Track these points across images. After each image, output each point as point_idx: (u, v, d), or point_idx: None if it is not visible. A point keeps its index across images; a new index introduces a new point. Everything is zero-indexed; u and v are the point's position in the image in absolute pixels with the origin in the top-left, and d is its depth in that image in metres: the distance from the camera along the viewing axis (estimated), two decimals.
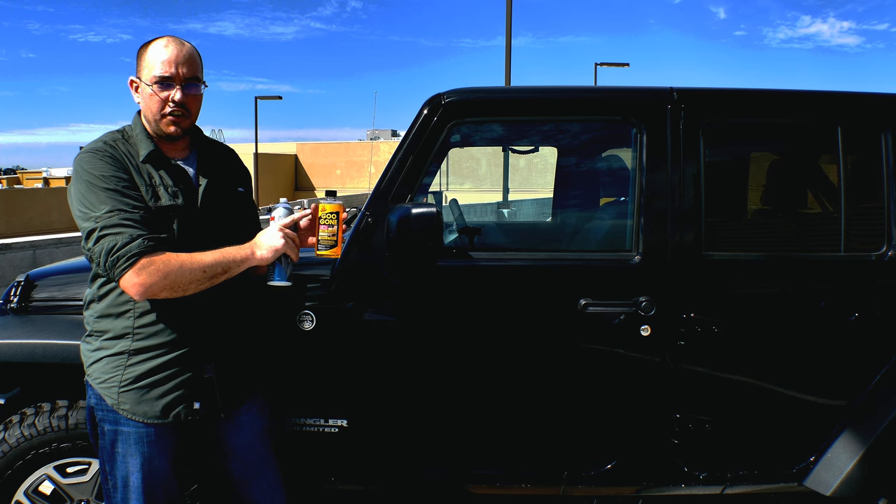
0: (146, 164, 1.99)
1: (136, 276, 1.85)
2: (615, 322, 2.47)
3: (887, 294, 2.50)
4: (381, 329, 2.47)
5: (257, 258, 2.01)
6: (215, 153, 2.17)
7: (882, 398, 2.51)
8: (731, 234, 2.65)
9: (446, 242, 2.84)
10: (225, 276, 1.97)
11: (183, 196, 2.00)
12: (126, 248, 1.84)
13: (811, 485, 2.56)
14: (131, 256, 1.84)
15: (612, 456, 2.55)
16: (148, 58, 1.99)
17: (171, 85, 1.98)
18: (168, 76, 1.97)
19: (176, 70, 1.98)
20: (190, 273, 1.89)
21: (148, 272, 1.85)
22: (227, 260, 1.96)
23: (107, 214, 1.86)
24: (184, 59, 1.99)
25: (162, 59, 1.97)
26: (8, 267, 8.38)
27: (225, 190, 2.13)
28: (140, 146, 2.00)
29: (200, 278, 1.92)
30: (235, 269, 1.98)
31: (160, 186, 1.98)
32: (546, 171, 4.17)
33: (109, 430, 2.00)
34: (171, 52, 1.99)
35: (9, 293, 2.64)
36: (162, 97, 1.98)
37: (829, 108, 2.63)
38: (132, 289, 1.87)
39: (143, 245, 1.85)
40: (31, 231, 20.32)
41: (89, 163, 1.93)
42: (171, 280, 1.87)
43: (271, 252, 2.02)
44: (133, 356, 1.97)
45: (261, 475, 2.18)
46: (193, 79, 2.01)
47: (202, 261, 1.92)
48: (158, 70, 1.97)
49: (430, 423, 2.55)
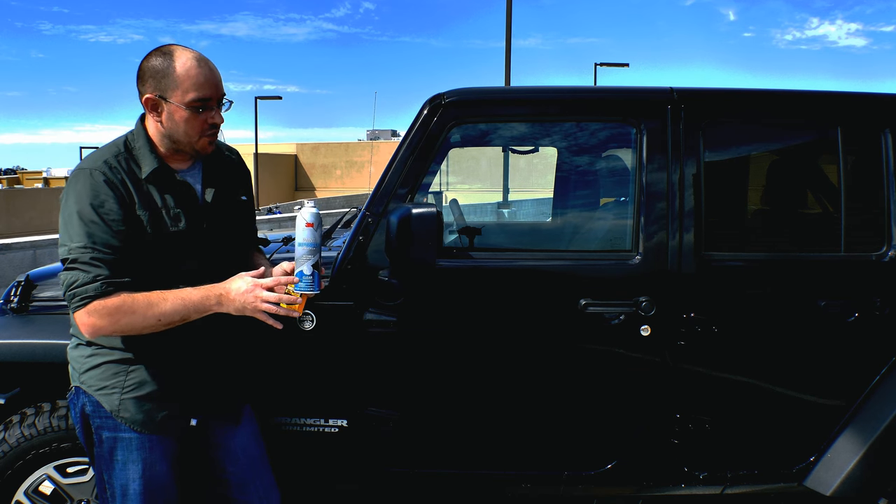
0: (148, 185, 1.94)
1: (87, 317, 1.84)
2: (615, 322, 2.47)
3: (887, 294, 2.50)
4: (382, 329, 2.47)
5: (222, 310, 1.92)
6: (219, 158, 2.13)
7: (882, 398, 2.51)
8: (731, 234, 2.65)
9: (446, 242, 2.84)
10: (182, 322, 1.90)
11: (186, 219, 1.96)
12: (83, 287, 1.82)
13: (811, 485, 2.56)
14: (85, 297, 1.82)
15: (612, 456, 2.56)
16: (179, 78, 1.90)
17: (211, 107, 1.94)
18: (209, 98, 1.93)
19: (214, 91, 1.94)
20: (143, 320, 1.85)
21: (98, 315, 1.83)
22: (188, 308, 1.88)
23: (80, 248, 1.83)
24: (217, 79, 1.96)
25: (199, 81, 1.90)
26: (8, 267, 8.38)
27: (228, 202, 2.10)
28: (143, 161, 1.94)
29: (154, 325, 1.87)
30: (195, 316, 1.91)
31: (162, 209, 1.93)
32: (546, 171, 4.20)
33: (108, 437, 1.98)
34: (207, 72, 1.93)
35: (9, 293, 2.64)
36: (202, 119, 1.93)
37: (830, 108, 2.63)
38: (82, 327, 1.87)
39: (99, 289, 1.82)
40: (31, 231, 20.31)
41: (83, 185, 1.87)
42: (122, 325, 1.85)
43: (238, 313, 1.93)
44: (135, 363, 1.96)
45: (257, 479, 2.16)
46: (224, 96, 1.99)
47: (160, 309, 1.86)
48: (198, 92, 1.91)
49: (431, 423, 2.55)
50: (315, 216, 2.00)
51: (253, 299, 1.90)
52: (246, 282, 1.92)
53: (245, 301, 1.90)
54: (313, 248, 1.99)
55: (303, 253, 1.98)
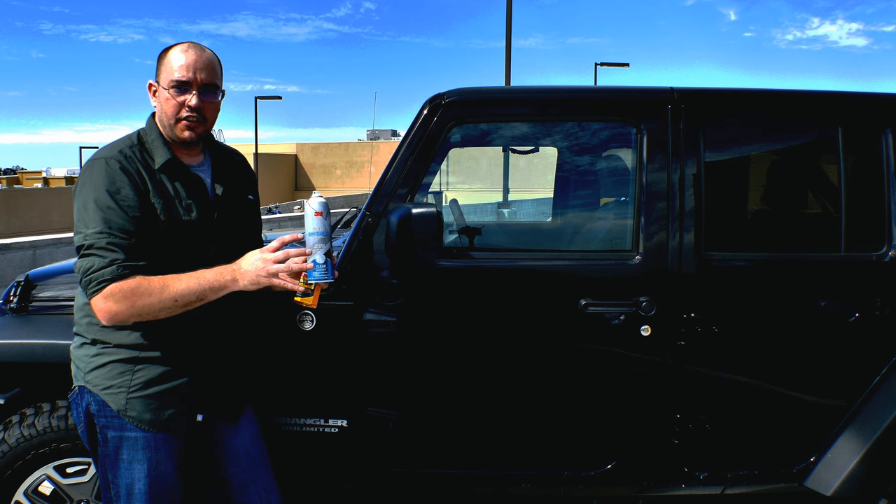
0: (161, 174, 1.96)
1: (104, 302, 1.84)
2: (615, 322, 2.46)
3: (887, 294, 2.50)
4: (382, 329, 2.47)
5: (238, 287, 1.93)
6: (227, 159, 2.16)
7: (882, 398, 2.51)
8: (731, 234, 2.65)
9: (446, 242, 2.84)
10: (199, 303, 1.91)
11: (197, 209, 1.99)
12: (99, 272, 1.83)
13: (811, 485, 2.56)
14: (102, 281, 1.83)
15: (612, 456, 2.55)
16: (167, 62, 1.98)
17: (187, 90, 1.96)
18: (185, 80, 1.95)
19: (194, 75, 1.96)
20: (159, 302, 1.86)
21: (115, 299, 1.83)
22: (203, 288, 1.89)
23: (95, 234, 1.84)
24: (203, 65, 1.97)
25: (180, 63, 1.96)
26: (8, 267, 8.38)
27: (237, 199, 2.13)
28: (156, 153, 1.98)
29: (171, 307, 1.88)
30: (212, 296, 1.91)
31: (175, 199, 1.95)
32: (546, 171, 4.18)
33: (114, 436, 1.98)
34: (191, 56, 1.97)
35: (9, 293, 2.64)
36: (178, 101, 1.96)
37: (830, 108, 2.63)
38: (99, 313, 1.87)
39: (116, 272, 1.83)
40: (31, 231, 20.33)
41: (98, 173, 1.90)
42: (139, 308, 1.85)
43: (253, 287, 1.93)
44: (141, 362, 1.96)
45: (258, 480, 2.16)
46: (212, 85, 1.99)
47: (175, 289, 1.87)
48: (176, 74, 1.95)
49: (431, 424, 2.55)
50: (324, 205, 2.02)
51: (264, 267, 1.90)
52: (255, 255, 1.93)
53: (258, 271, 1.90)
54: (324, 237, 1.99)
55: (314, 242, 1.98)
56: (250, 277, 1.91)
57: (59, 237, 9.36)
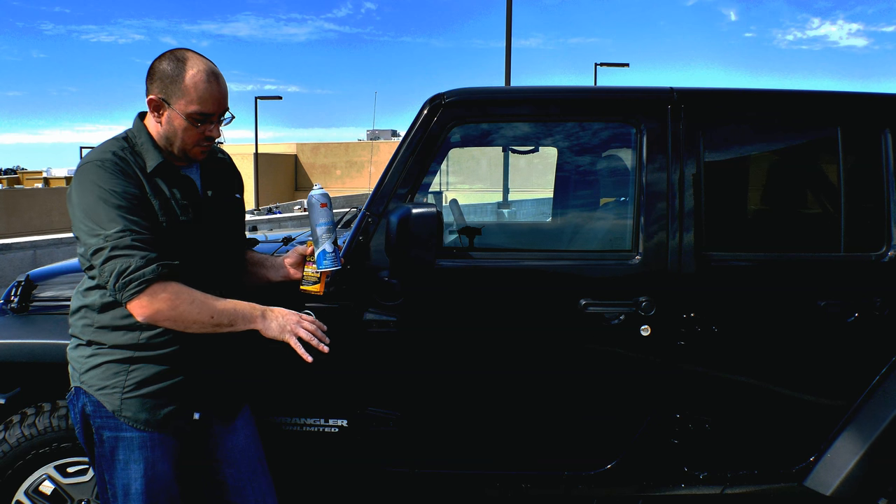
0: (155, 177, 1.96)
1: (147, 301, 1.84)
2: (615, 322, 2.47)
3: (887, 294, 2.50)
4: (382, 329, 2.47)
5: (262, 326, 1.99)
6: (213, 159, 2.16)
7: (882, 398, 2.51)
8: (731, 234, 2.65)
9: (446, 242, 2.84)
10: (229, 329, 1.95)
11: (192, 210, 1.99)
12: (140, 271, 1.82)
13: (811, 485, 2.56)
14: (144, 281, 1.82)
15: (612, 456, 2.56)
16: (187, 89, 1.91)
17: (210, 121, 1.96)
18: (210, 114, 1.95)
19: (217, 108, 1.96)
20: (198, 313, 1.89)
21: (160, 299, 1.84)
22: (238, 315, 1.95)
23: (117, 234, 1.82)
24: (223, 95, 1.97)
25: (205, 96, 1.92)
26: (8, 267, 8.38)
27: (225, 199, 2.14)
28: (147, 156, 1.96)
29: (206, 321, 1.90)
30: (241, 326, 1.97)
31: (171, 200, 1.95)
32: (546, 171, 4.18)
33: (109, 436, 1.98)
34: (215, 88, 1.94)
35: (9, 293, 2.64)
36: (199, 131, 1.95)
37: (830, 108, 2.63)
38: (138, 311, 1.86)
39: (158, 271, 1.83)
40: (31, 231, 20.33)
41: (98, 175, 1.88)
42: (179, 312, 1.86)
43: (279, 337, 2.00)
44: (136, 363, 1.96)
45: (255, 482, 2.16)
46: (226, 111, 2.01)
47: (215, 306, 1.91)
48: (201, 106, 1.93)
49: (431, 423, 2.55)
50: (326, 196, 2.14)
51: (295, 321, 2.01)
52: (293, 312, 2.04)
53: (288, 320, 2.00)
54: (331, 226, 2.14)
55: (322, 232, 2.13)
56: (280, 322, 2.00)
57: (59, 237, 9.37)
